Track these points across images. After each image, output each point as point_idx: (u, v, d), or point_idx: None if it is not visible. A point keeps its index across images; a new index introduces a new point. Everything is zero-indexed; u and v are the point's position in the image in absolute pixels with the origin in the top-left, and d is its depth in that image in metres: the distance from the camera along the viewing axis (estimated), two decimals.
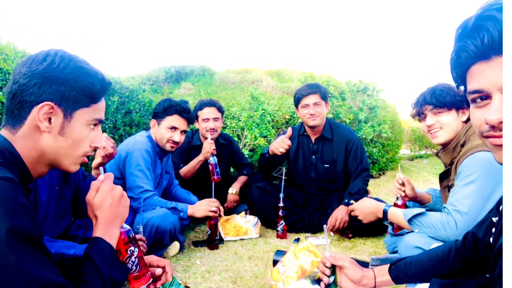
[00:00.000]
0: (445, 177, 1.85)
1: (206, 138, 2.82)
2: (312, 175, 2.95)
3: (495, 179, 1.49)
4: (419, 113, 1.79)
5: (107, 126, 3.11)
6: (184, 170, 2.92)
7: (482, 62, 0.73)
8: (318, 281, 1.67)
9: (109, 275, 0.93)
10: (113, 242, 1.00)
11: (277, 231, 2.60)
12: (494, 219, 0.89)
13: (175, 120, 2.32)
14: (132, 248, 1.08)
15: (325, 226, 1.42)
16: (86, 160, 1.07)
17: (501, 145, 0.73)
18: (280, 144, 2.53)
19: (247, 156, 3.70)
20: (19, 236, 0.73)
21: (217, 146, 2.96)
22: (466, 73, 0.78)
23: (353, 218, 2.45)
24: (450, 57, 0.80)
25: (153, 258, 1.23)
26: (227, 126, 4.31)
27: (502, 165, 1.51)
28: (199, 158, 2.82)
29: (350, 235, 2.63)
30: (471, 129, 1.69)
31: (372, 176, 5.56)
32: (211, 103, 2.95)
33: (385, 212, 1.81)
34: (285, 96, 6.32)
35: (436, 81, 1.82)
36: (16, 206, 0.75)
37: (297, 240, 2.55)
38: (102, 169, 1.09)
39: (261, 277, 1.90)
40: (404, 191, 2.00)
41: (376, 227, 2.56)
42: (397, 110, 7.90)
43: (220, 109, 2.98)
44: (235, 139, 3.65)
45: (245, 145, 4.11)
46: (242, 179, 3.16)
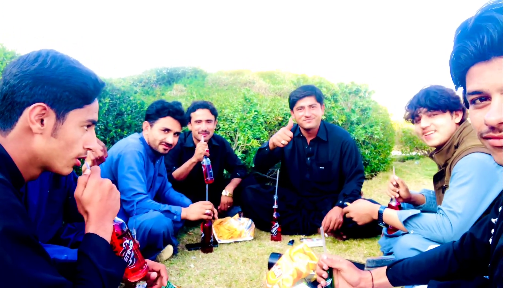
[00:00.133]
0: (439, 179, 1.86)
1: (199, 140, 2.79)
2: (307, 177, 2.94)
3: (489, 180, 1.50)
4: (413, 116, 1.80)
5: (98, 128, 3.07)
6: (177, 172, 2.89)
7: (482, 63, 0.73)
8: (315, 284, 1.66)
9: (106, 271, 0.91)
10: (107, 237, 0.98)
11: (271, 233, 2.59)
12: (493, 220, 0.89)
13: (168, 122, 2.30)
14: (127, 241, 1.06)
15: (322, 229, 1.41)
16: (79, 163, 1.04)
17: (501, 146, 0.73)
18: (282, 136, 2.45)
19: (240, 158, 3.68)
20: (14, 237, 0.71)
21: (210, 148, 2.94)
22: (466, 74, 0.77)
23: (347, 220, 2.45)
24: (450, 58, 0.80)
25: (148, 262, 1.21)
26: (220, 128, 4.29)
27: (502, 166, 1.53)
28: (192, 160, 2.80)
29: (344, 237, 2.63)
30: (465, 131, 1.70)
31: (364, 178, 5.59)
32: (204, 105, 2.93)
33: (380, 214, 1.81)
34: (278, 98, 6.33)
35: (429, 83, 1.83)
36: (9, 207, 0.73)
37: (292, 242, 2.54)
38: (88, 164, 1.06)
39: (257, 280, 1.88)
40: (398, 193, 2.01)
41: (370, 229, 2.56)
42: (389, 112, 7.98)
43: (213, 111, 2.97)
44: (228, 141, 3.63)
45: (238, 147, 4.10)
46: (236, 181, 3.14)
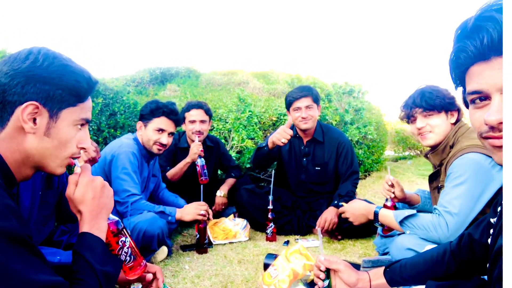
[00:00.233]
0: (435, 179, 1.86)
1: (193, 141, 2.77)
2: (303, 177, 2.93)
3: (484, 180, 1.51)
4: (409, 116, 1.80)
5: (91, 128, 3.03)
6: (171, 173, 2.87)
7: (482, 63, 0.73)
8: (311, 285, 1.66)
9: (103, 270, 0.89)
10: (102, 236, 0.96)
11: (267, 234, 2.58)
12: (492, 220, 0.89)
13: (162, 122, 2.27)
14: (123, 239, 1.04)
15: (319, 229, 1.40)
16: (73, 162, 1.02)
17: (501, 146, 0.72)
18: (282, 135, 2.42)
19: (234, 158, 3.67)
20: (8, 238, 0.70)
21: (205, 149, 2.92)
22: (465, 74, 0.77)
23: (342, 220, 2.45)
24: (449, 58, 0.80)
25: None
26: (214, 128, 4.27)
27: (499, 166, 1.54)
28: (187, 160, 2.78)
29: (339, 237, 2.63)
30: (460, 131, 1.71)
31: (359, 178, 5.61)
32: (199, 105, 2.91)
33: (376, 214, 1.81)
34: (272, 98, 6.33)
35: (424, 83, 1.84)
36: (2, 208, 0.72)
37: (287, 243, 2.53)
38: (77, 162, 1.04)
39: (252, 281, 1.87)
40: (394, 193, 2.02)
41: (365, 229, 2.57)
42: (382, 112, 8.02)
43: (208, 112, 2.95)
44: (222, 141, 3.61)
45: (232, 147, 4.08)
46: (230, 182, 3.13)
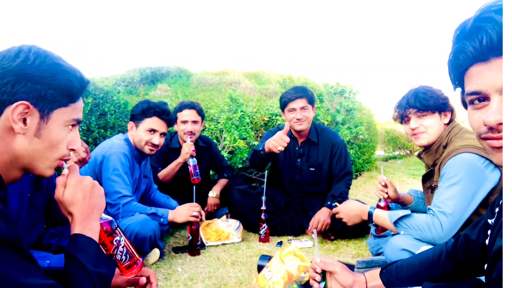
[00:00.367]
0: (428, 179, 1.87)
1: (185, 141, 2.75)
2: (297, 178, 2.92)
3: (478, 180, 1.52)
4: (402, 116, 1.80)
5: (81, 129, 2.98)
6: (163, 174, 2.83)
7: (481, 64, 0.73)
8: (306, 286, 1.65)
9: (96, 272, 0.87)
10: (95, 236, 0.94)
11: (260, 235, 2.56)
12: (490, 221, 0.89)
13: (154, 122, 2.24)
14: (118, 238, 1.02)
15: (315, 231, 1.39)
16: (62, 164, 0.99)
17: (500, 147, 0.72)
18: (279, 142, 2.39)
19: (226, 159, 3.65)
20: None
21: (197, 149, 2.89)
22: (464, 75, 0.77)
23: (335, 221, 2.45)
24: (448, 59, 0.80)
25: None
26: (206, 128, 4.24)
27: (491, 166, 1.54)
28: (178, 161, 2.75)
29: (332, 237, 2.63)
30: (453, 131, 1.72)
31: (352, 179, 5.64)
32: (191, 105, 2.88)
33: (370, 215, 1.81)
34: (263, 98, 6.32)
35: (418, 83, 1.84)
36: None
37: (280, 244, 2.52)
38: (65, 163, 1.00)
39: (246, 283, 1.85)
40: (387, 193, 2.02)
41: (358, 229, 2.57)
42: (372, 112, 8.08)
43: (200, 112, 2.91)
44: (214, 142, 3.59)
45: (224, 148, 4.06)
46: (223, 182, 3.11)
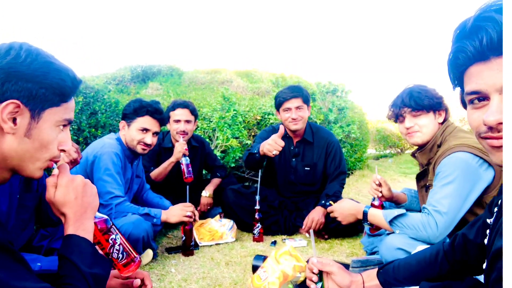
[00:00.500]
0: (422, 177, 1.87)
1: (178, 141, 2.72)
2: (291, 178, 2.90)
3: (472, 179, 1.52)
4: (397, 115, 1.80)
5: (71, 128, 2.93)
6: (155, 173, 2.80)
7: (480, 63, 0.72)
8: (301, 286, 1.64)
9: (92, 273, 0.85)
10: (89, 236, 0.92)
11: (254, 235, 2.55)
12: (489, 221, 0.89)
13: (147, 122, 2.21)
14: (114, 236, 1.01)
15: (312, 231, 1.38)
16: (52, 165, 0.97)
17: (499, 147, 0.73)
18: (274, 146, 2.34)
19: (219, 158, 3.62)
20: None
21: (190, 149, 2.87)
22: (464, 74, 0.77)
23: (329, 220, 2.45)
24: (448, 58, 0.79)
25: None
26: (198, 127, 4.21)
27: (484, 165, 1.55)
28: (171, 160, 2.72)
29: (326, 236, 2.63)
30: (447, 130, 1.73)
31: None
32: (184, 105, 2.84)
33: (365, 214, 1.81)
34: (256, 97, 6.30)
35: (412, 83, 1.84)
36: None
37: (274, 243, 2.51)
38: (55, 163, 0.98)
39: (241, 284, 1.84)
40: (381, 192, 2.02)
41: (352, 228, 2.57)
42: (364, 111, 8.14)
43: (194, 112, 2.88)
44: (207, 141, 3.56)
45: (217, 147, 4.03)
46: (216, 182, 3.08)
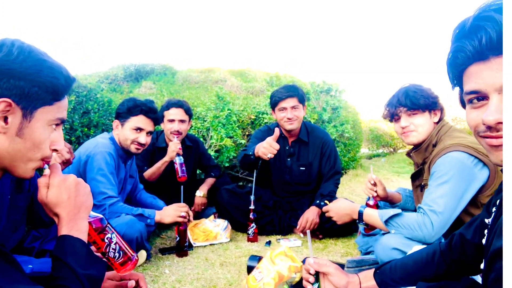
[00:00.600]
0: (417, 177, 1.88)
1: (172, 140, 2.70)
2: (287, 178, 2.89)
3: (468, 179, 1.53)
4: (393, 115, 1.80)
5: (64, 128, 2.89)
6: (149, 173, 2.77)
7: (480, 63, 0.72)
8: (296, 286, 1.63)
9: (86, 274, 0.83)
10: (83, 237, 0.90)
11: (248, 235, 2.54)
12: (487, 221, 0.89)
13: (141, 121, 2.18)
14: (109, 235, 0.98)
15: (308, 232, 1.37)
16: (43, 165, 0.94)
17: (498, 146, 0.73)
18: (269, 150, 2.31)
19: (213, 157, 3.60)
20: None
21: (184, 148, 2.85)
22: (463, 74, 0.77)
23: (324, 219, 2.44)
24: (447, 58, 0.79)
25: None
26: (192, 127, 4.18)
27: (479, 165, 1.55)
28: (165, 159, 2.69)
29: (321, 236, 2.63)
30: (443, 129, 1.73)
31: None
32: (179, 104, 2.82)
33: (361, 213, 1.80)
34: (250, 96, 6.29)
35: (408, 82, 1.85)
36: None
37: (269, 243, 2.50)
38: (45, 163, 0.96)
39: (236, 285, 1.82)
40: (376, 191, 2.02)
41: (347, 228, 2.57)
42: (357, 111, 8.17)
43: (188, 112, 2.86)
44: (201, 140, 3.54)
45: (211, 146, 4.01)
46: (210, 181, 3.07)
